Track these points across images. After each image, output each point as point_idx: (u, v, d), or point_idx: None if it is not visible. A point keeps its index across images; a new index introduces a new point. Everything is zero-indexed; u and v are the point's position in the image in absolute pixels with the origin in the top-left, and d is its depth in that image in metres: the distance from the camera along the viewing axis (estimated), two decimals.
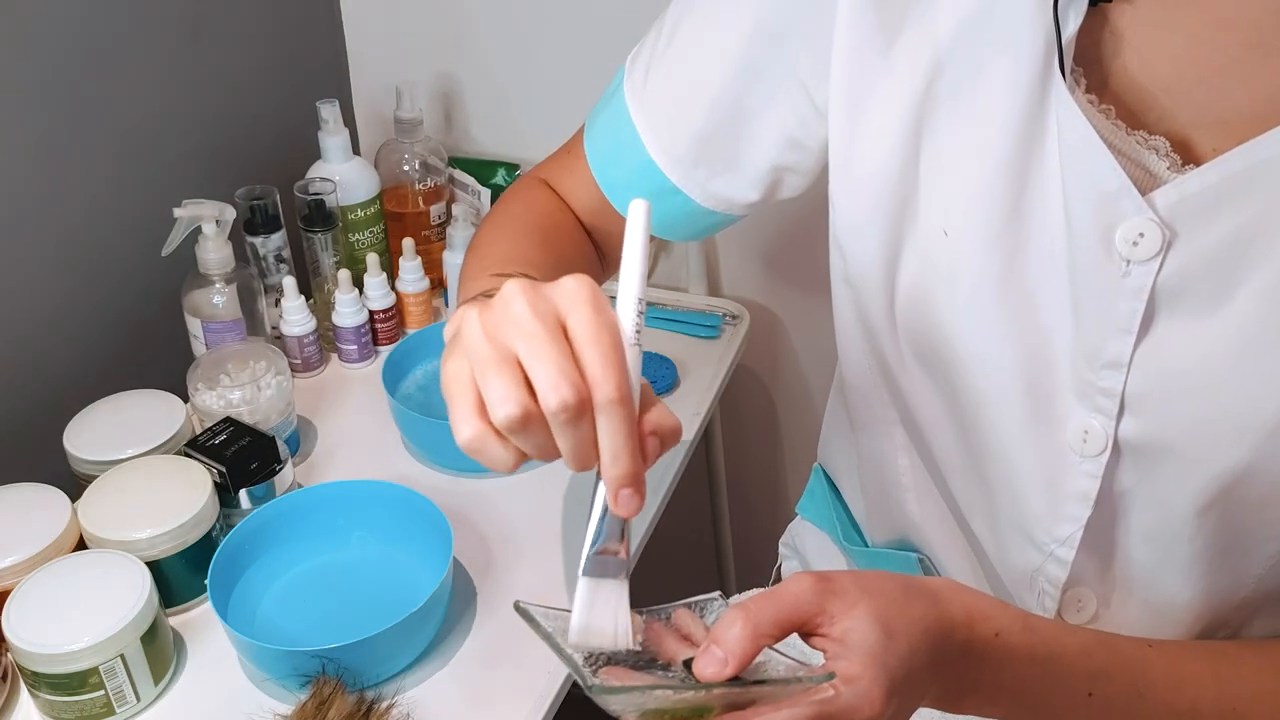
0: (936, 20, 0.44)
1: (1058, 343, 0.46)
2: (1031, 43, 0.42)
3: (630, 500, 0.37)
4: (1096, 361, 0.45)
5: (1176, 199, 0.41)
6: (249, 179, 0.90)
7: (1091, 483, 0.47)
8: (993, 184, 0.45)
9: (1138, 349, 0.44)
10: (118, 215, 0.84)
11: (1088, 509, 0.48)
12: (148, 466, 0.71)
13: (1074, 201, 0.43)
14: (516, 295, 0.37)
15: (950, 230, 0.47)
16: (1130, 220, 0.41)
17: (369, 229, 0.95)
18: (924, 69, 0.45)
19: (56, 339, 0.82)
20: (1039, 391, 0.47)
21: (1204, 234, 0.41)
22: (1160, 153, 0.42)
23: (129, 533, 0.66)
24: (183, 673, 0.66)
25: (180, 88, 0.87)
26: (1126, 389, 0.44)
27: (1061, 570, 0.51)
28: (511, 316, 0.36)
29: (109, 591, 0.62)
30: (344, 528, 0.73)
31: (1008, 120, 0.44)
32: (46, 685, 0.60)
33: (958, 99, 0.45)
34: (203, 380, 0.80)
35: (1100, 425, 0.46)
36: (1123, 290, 0.43)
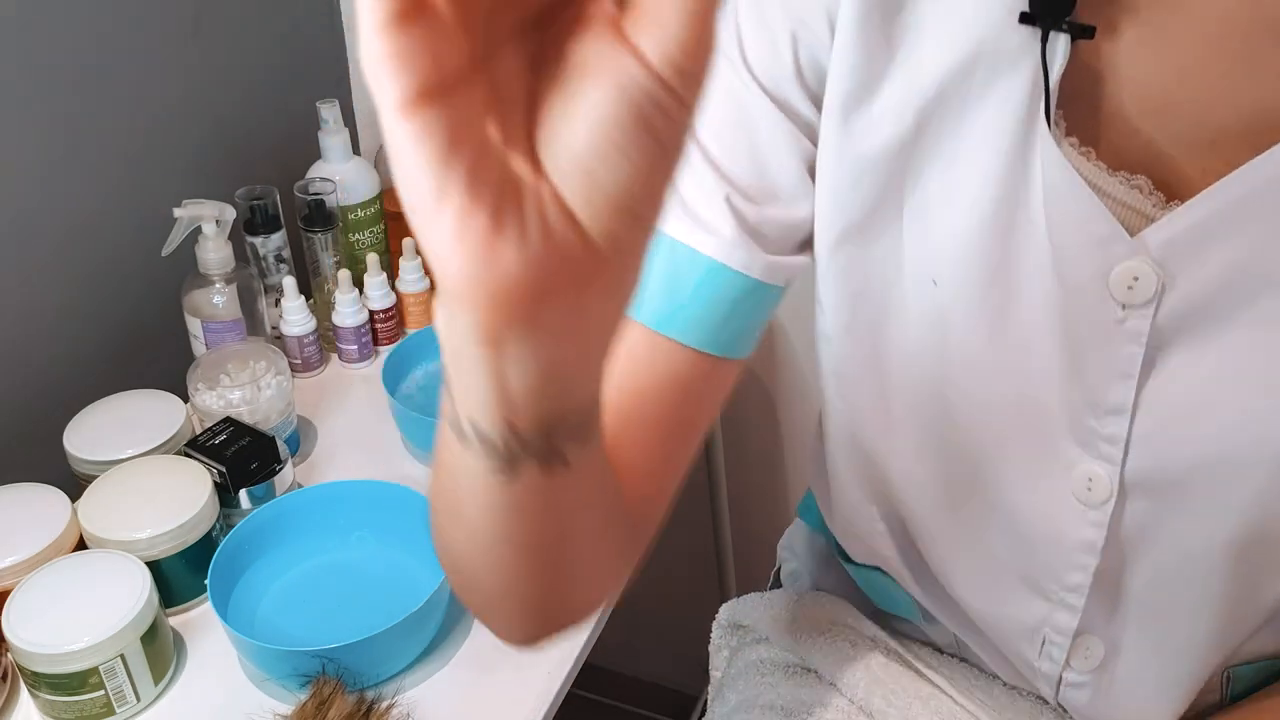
0: (922, 69, 0.43)
1: (1056, 391, 0.45)
2: (1017, 87, 0.41)
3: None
4: (1099, 408, 0.44)
5: (1168, 237, 0.40)
6: (249, 179, 0.90)
7: (1098, 531, 0.46)
8: (980, 232, 0.43)
9: (1140, 392, 0.43)
10: (117, 215, 0.84)
11: (1095, 557, 0.47)
12: (148, 466, 0.71)
13: (1064, 248, 0.42)
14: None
15: (940, 280, 0.45)
16: (1124, 264, 0.41)
17: (369, 229, 0.95)
18: (910, 118, 0.43)
19: (56, 339, 0.82)
20: (1038, 441, 0.46)
21: (1198, 269, 0.40)
22: (1144, 191, 0.41)
23: (129, 533, 0.66)
24: (183, 673, 0.66)
25: (180, 87, 0.87)
26: (1131, 433, 0.43)
27: (1071, 618, 0.49)
28: None
29: (109, 591, 0.62)
30: (344, 528, 0.73)
31: (991, 167, 0.42)
32: (46, 685, 0.60)
33: (941, 146, 0.44)
34: (203, 380, 0.80)
35: (1105, 472, 0.45)
36: (1121, 335, 0.42)
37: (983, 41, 0.41)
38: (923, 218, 0.45)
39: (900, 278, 0.46)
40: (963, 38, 0.41)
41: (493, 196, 0.23)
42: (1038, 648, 0.52)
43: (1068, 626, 0.50)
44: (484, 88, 0.23)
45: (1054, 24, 0.39)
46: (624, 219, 0.24)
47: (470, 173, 0.23)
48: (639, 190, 0.23)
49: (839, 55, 0.43)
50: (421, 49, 0.22)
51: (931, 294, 0.46)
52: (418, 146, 0.22)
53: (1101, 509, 0.46)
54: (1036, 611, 0.51)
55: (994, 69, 0.41)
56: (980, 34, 0.41)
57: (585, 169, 0.23)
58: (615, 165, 0.23)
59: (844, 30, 0.43)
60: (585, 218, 0.24)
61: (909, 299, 0.47)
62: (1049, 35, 0.40)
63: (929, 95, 0.42)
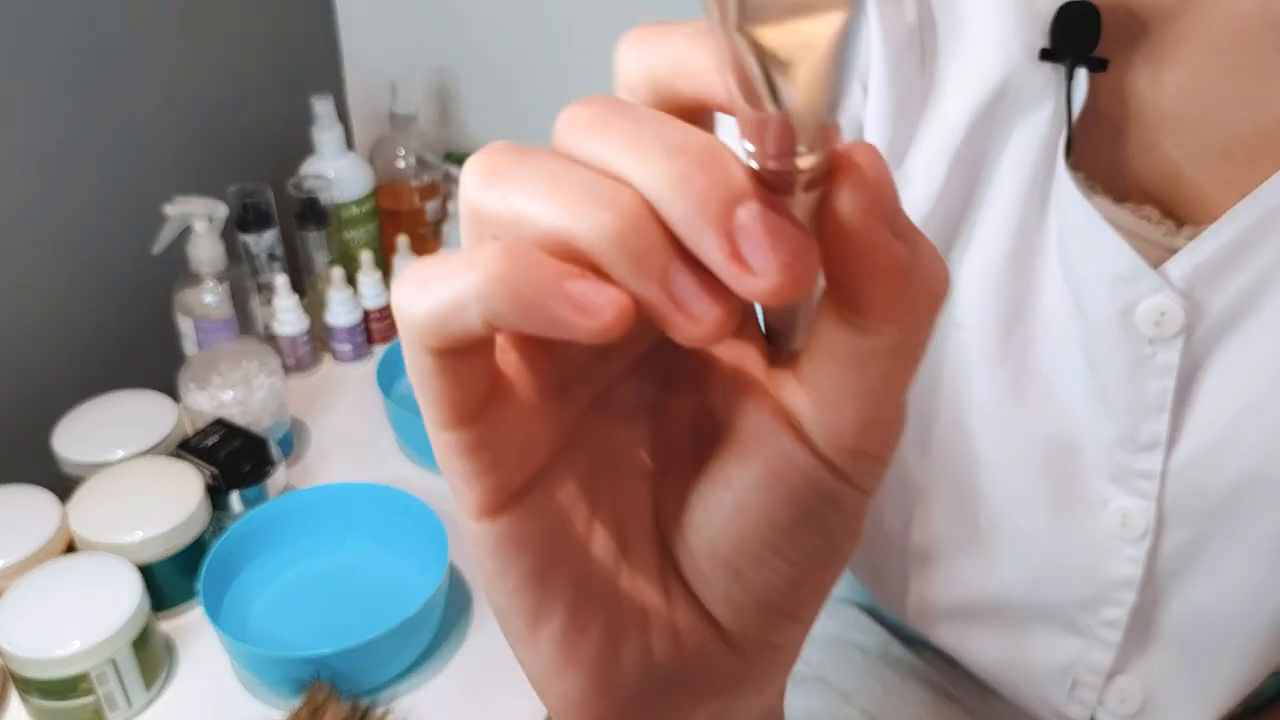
0: (950, 116, 0.42)
1: (1085, 430, 0.44)
2: (1037, 126, 0.41)
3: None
4: (1132, 445, 0.43)
5: (1190, 268, 0.39)
6: (241, 175, 0.88)
7: (1135, 567, 0.45)
8: (1000, 273, 0.43)
9: (1175, 426, 0.42)
10: (107, 212, 0.83)
11: (1133, 593, 0.46)
12: (139, 468, 0.70)
13: (1085, 286, 0.41)
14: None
15: (962, 323, 0.45)
16: (1148, 301, 0.40)
17: (363, 226, 0.94)
18: (942, 169, 0.43)
19: (46, 338, 0.81)
20: (1068, 481, 0.45)
21: (1223, 295, 0.40)
22: (1153, 220, 0.41)
23: (120, 536, 0.65)
24: (175, 678, 0.65)
25: (171, 82, 0.86)
26: (1167, 466, 0.43)
27: (1106, 655, 0.48)
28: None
29: (100, 596, 0.61)
30: (338, 531, 0.72)
31: (1011, 207, 0.42)
32: (37, 691, 0.59)
33: (968, 192, 0.44)
34: (194, 380, 0.79)
35: (1140, 507, 0.44)
36: (1150, 370, 0.41)
37: (1006, 81, 0.41)
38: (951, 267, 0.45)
39: None
40: (987, 80, 0.41)
41: (605, 611, 0.19)
42: (1066, 690, 0.51)
43: (1101, 665, 0.49)
44: (585, 473, 0.19)
45: (1076, 60, 0.39)
46: (778, 623, 0.19)
47: (574, 584, 0.19)
48: (798, 594, 0.19)
49: (874, 111, 0.43)
50: (503, 441, 0.18)
51: (955, 336, 0.45)
52: (506, 559, 0.18)
53: (1138, 544, 0.45)
54: (1068, 650, 0.49)
55: (1016, 109, 0.41)
56: (1004, 74, 0.41)
57: (731, 570, 0.19)
58: (770, 567, 0.18)
59: (876, 85, 0.42)
60: (729, 622, 0.19)
61: (935, 344, 0.46)
62: (1072, 72, 0.39)
63: (957, 141, 0.42)
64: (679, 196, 0.16)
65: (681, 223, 0.16)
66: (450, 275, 0.17)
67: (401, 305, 0.18)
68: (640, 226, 0.16)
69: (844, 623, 0.64)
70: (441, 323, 0.17)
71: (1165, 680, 0.49)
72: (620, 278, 0.16)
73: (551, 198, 0.17)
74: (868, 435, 0.17)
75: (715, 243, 0.16)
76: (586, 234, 0.16)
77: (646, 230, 0.16)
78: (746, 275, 0.16)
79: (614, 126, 0.18)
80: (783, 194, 0.17)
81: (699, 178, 0.16)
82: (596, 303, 0.16)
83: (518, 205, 0.17)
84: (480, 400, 0.18)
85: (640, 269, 0.16)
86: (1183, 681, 0.48)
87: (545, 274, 0.16)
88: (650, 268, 0.16)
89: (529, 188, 0.17)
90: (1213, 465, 0.42)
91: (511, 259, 0.17)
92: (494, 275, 0.17)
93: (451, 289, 0.17)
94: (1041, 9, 0.40)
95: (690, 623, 0.19)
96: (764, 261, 0.16)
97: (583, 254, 0.17)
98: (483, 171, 0.18)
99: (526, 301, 0.16)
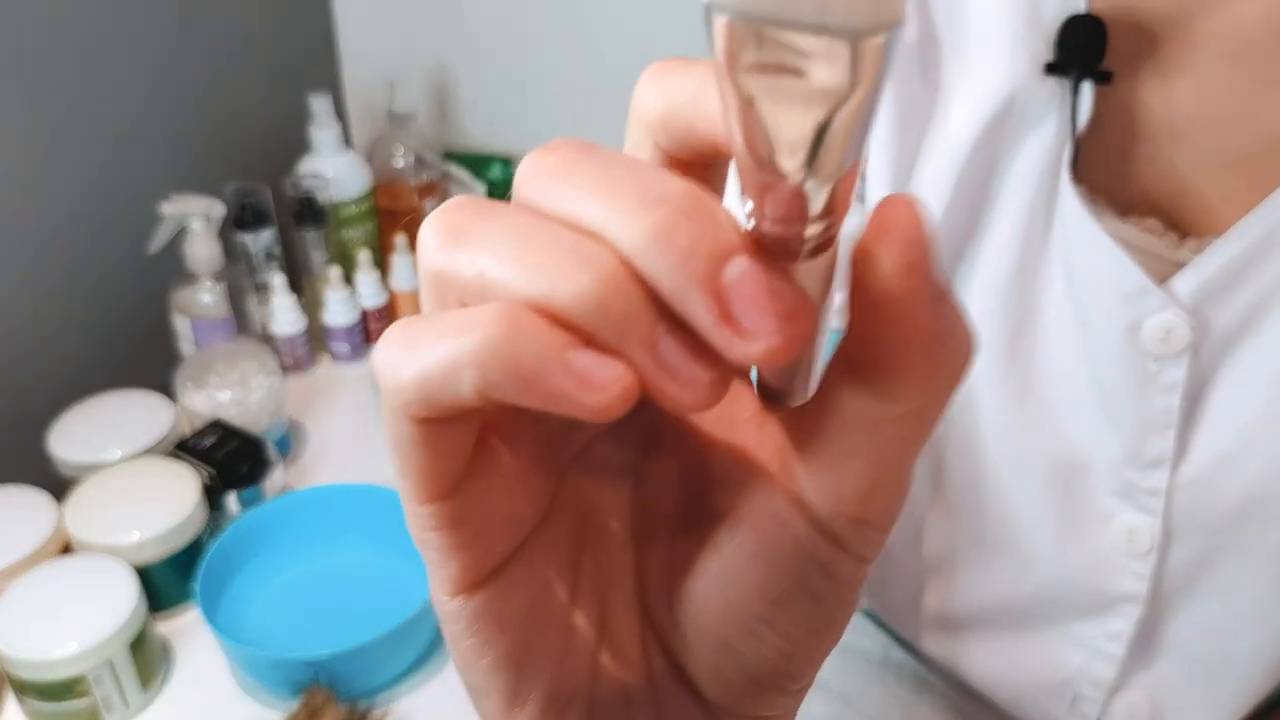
0: (955, 133, 0.42)
1: (1091, 447, 0.44)
2: (1042, 141, 0.41)
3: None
4: (1138, 461, 0.43)
5: (1197, 284, 0.39)
6: (237, 173, 0.88)
7: (1140, 582, 0.45)
8: (1004, 289, 0.43)
9: (1181, 442, 0.42)
10: (104, 211, 0.83)
11: (1139, 607, 0.46)
12: (135, 469, 0.70)
13: (1090, 302, 0.41)
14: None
15: None
16: (1155, 318, 0.40)
17: (361, 225, 0.93)
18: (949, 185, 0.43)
19: (41, 337, 0.80)
20: (1074, 497, 0.45)
21: (1231, 310, 0.39)
22: (1157, 234, 0.41)
23: (116, 537, 0.65)
24: (171, 680, 0.65)
25: (168, 80, 0.86)
26: (1173, 483, 0.43)
27: (1109, 668, 0.48)
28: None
29: (96, 597, 0.61)
30: (336, 532, 0.72)
31: (1015, 222, 0.42)
32: (34, 693, 0.59)
33: (973, 203, 0.43)
34: (191, 380, 0.79)
35: (1145, 523, 0.44)
36: (1156, 387, 0.41)
37: (1012, 95, 0.40)
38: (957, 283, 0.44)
39: None
40: (992, 94, 0.41)
41: (585, 690, 0.18)
42: (1067, 703, 0.51)
43: (1103, 679, 0.49)
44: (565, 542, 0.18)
45: (1082, 74, 0.39)
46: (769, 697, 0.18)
47: (554, 663, 0.18)
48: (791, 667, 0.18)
49: (879, 129, 0.42)
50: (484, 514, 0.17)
51: None
52: (483, 637, 0.17)
53: (1144, 560, 0.45)
54: (1070, 664, 0.49)
55: (1021, 123, 0.41)
56: (1009, 88, 0.40)
57: (718, 642, 0.17)
58: (760, 639, 0.17)
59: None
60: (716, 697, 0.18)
61: None
62: (1078, 86, 0.39)
63: (963, 157, 0.42)
64: (660, 253, 0.15)
65: (664, 282, 0.15)
66: (441, 338, 0.16)
67: (386, 368, 0.17)
68: (621, 289, 0.15)
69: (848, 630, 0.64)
70: (431, 391, 0.16)
71: (1172, 695, 0.48)
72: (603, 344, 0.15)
73: (521, 259, 0.16)
74: (872, 504, 0.16)
75: (703, 304, 0.15)
76: (564, 299, 0.15)
77: (628, 292, 0.15)
78: (738, 339, 0.14)
79: (583, 174, 0.16)
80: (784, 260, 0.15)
81: (681, 231, 0.15)
82: (600, 378, 0.15)
83: (486, 268, 0.16)
84: (462, 472, 0.17)
85: (624, 336, 0.15)
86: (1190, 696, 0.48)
87: (546, 343, 0.15)
88: (635, 334, 0.15)
89: (497, 248, 0.16)
90: (1219, 481, 0.42)
91: (510, 324, 0.15)
92: (491, 342, 0.15)
93: (443, 354, 0.16)
94: (1047, 22, 0.40)
95: (675, 700, 0.18)
96: (757, 323, 0.14)
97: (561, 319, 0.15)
98: (445, 231, 0.17)
99: (526, 373, 0.15)
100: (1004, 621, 0.51)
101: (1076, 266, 0.41)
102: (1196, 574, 0.45)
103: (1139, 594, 0.46)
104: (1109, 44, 0.39)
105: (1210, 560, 0.44)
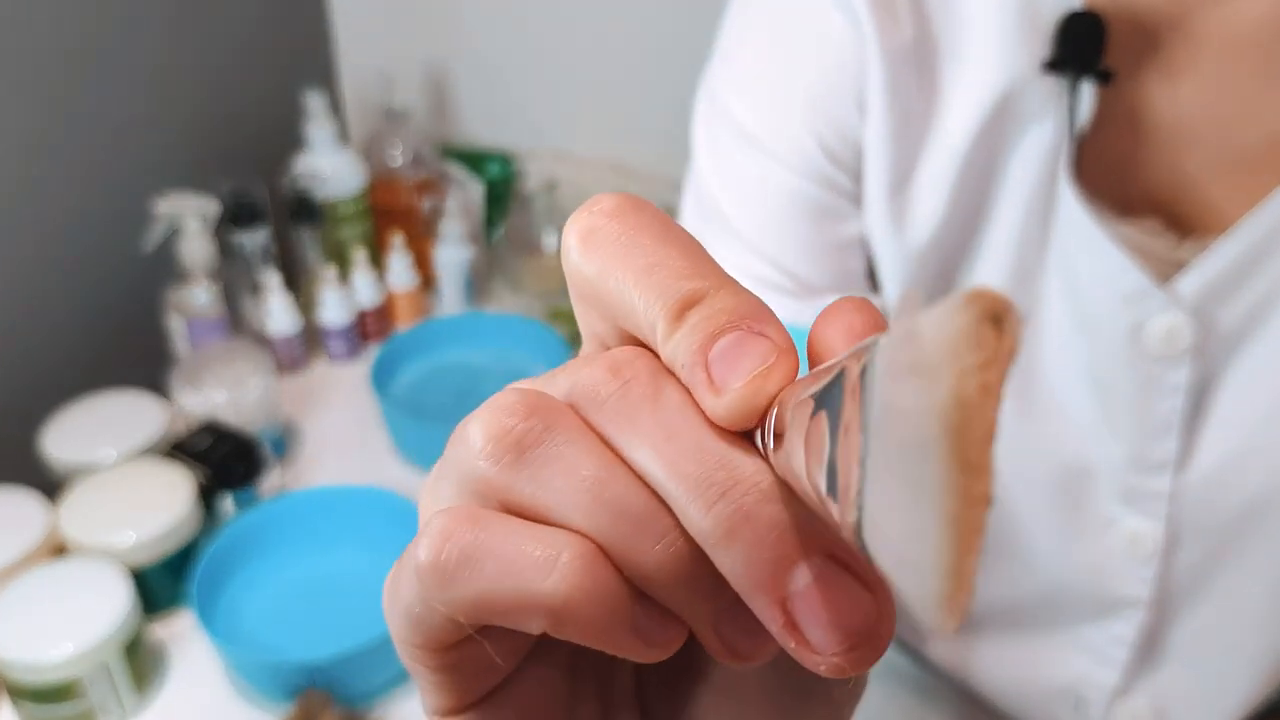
0: (954, 131, 0.41)
1: (1094, 451, 0.44)
2: (1041, 139, 0.40)
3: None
4: (1142, 464, 0.43)
5: (1201, 284, 0.39)
6: (232, 171, 0.87)
7: (1143, 587, 0.45)
8: (1005, 288, 0.42)
9: (1183, 446, 0.42)
10: (98, 210, 0.82)
11: (1141, 611, 0.46)
12: (130, 470, 0.70)
13: (1091, 304, 0.41)
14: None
15: None
16: (1157, 319, 0.39)
17: (357, 223, 0.93)
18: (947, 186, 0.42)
19: (34, 337, 0.80)
20: (1077, 501, 0.45)
21: (1234, 310, 0.39)
22: (1156, 233, 0.40)
23: (111, 538, 0.64)
24: (167, 683, 0.64)
25: (162, 77, 0.85)
26: (1177, 486, 0.42)
27: (1111, 672, 0.48)
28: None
29: (90, 600, 0.60)
30: (331, 534, 0.71)
31: (1014, 221, 0.42)
32: (29, 696, 0.59)
33: (973, 204, 0.43)
34: (186, 380, 0.78)
35: (1149, 527, 0.44)
36: (1159, 390, 0.41)
37: (1009, 94, 0.40)
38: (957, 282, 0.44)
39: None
40: (990, 93, 0.40)
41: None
42: (1070, 707, 0.51)
43: (1107, 684, 0.49)
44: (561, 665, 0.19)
45: (1081, 72, 0.38)
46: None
47: None
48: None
49: (874, 132, 0.42)
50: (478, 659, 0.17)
51: None
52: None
53: (1148, 564, 0.44)
54: (1074, 668, 0.49)
55: (1020, 121, 0.40)
56: (1007, 87, 0.40)
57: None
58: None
59: (876, 105, 0.41)
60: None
61: None
62: (1076, 84, 0.38)
63: (961, 158, 0.41)
64: (726, 554, 0.15)
65: (731, 579, 0.15)
66: (516, 565, 0.16)
67: (440, 569, 0.16)
68: (692, 570, 0.16)
69: None
70: (489, 615, 0.16)
71: (1176, 700, 0.48)
72: (668, 605, 0.16)
73: (597, 512, 0.16)
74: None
75: (768, 613, 0.15)
76: (641, 565, 0.16)
77: (698, 572, 0.16)
78: (805, 651, 0.15)
79: (647, 425, 0.16)
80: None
81: (744, 535, 0.15)
82: (661, 639, 0.16)
83: (553, 504, 0.16)
84: (462, 635, 0.17)
85: (689, 610, 0.16)
86: (1193, 701, 0.48)
87: (621, 603, 0.16)
88: (700, 611, 0.16)
89: (568, 489, 0.16)
90: (1223, 486, 0.42)
91: (594, 575, 0.16)
92: (575, 594, 0.15)
93: (517, 587, 0.16)
94: (1045, 19, 0.39)
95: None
96: (822, 640, 0.15)
97: (628, 570, 0.16)
98: (506, 446, 0.17)
99: (598, 630, 0.16)
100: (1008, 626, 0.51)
101: (1077, 268, 0.41)
102: (1200, 578, 0.44)
103: (1142, 599, 0.45)
104: (1109, 42, 0.38)
105: (1214, 565, 0.44)
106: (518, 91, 1.00)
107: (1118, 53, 0.39)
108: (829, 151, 0.43)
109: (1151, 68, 0.39)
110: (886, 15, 0.40)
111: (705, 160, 0.46)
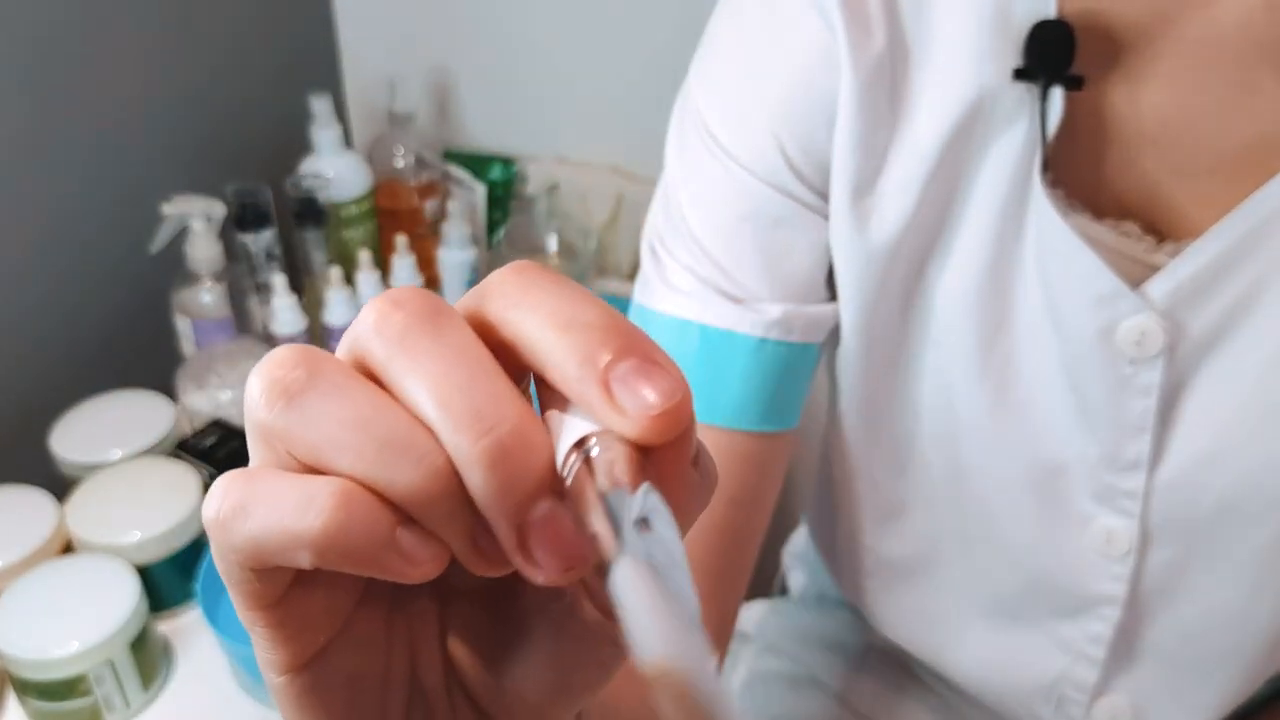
0: (923, 138, 0.41)
1: (1067, 450, 0.44)
2: (1012, 145, 0.40)
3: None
4: (1115, 464, 0.43)
5: (1172, 287, 0.39)
6: (238, 173, 0.88)
7: (1119, 584, 0.45)
8: (977, 293, 0.43)
9: (1158, 445, 0.42)
10: (105, 211, 0.83)
11: (1117, 609, 0.46)
12: (136, 469, 0.70)
13: (1064, 306, 0.41)
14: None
15: (940, 342, 0.44)
16: (1129, 321, 0.40)
17: (362, 225, 0.93)
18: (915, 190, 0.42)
19: (42, 338, 0.80)
20: (1051, 499, 0.45)
21: (1205, 313, 0.39)
22: (1134, 237, 0.40)
23: (118, 536, 0.65)
24: (173, 679, 0.65)
25: (168, 80, 0.86)
26: (1150, 485, 0.43)
27: (1091, 671, 0.48)
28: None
29: (97, 597, 0.61)
30: None
31: (987, 226, 0.42)
32: (35, 692, 0.59)
33: (941, 206, 0.43)
34: (192, 380, 0.79)
35: (1123, 525, 0.44)
36: (1131, 390, 0.41)
37: (980, 101, 0.40)
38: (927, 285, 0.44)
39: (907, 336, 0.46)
40: (960, 100, 0.40)
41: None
42: (1053, 706, 0.51)
43: (1086, 682, 0.49)
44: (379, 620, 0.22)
45: (1051, 78, 0.38)
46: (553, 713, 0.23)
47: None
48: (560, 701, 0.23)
49: (841, 138, 0.42)
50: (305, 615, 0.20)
51: (934, 354, 0.45)
52: (309, 711, 0.21)
53: (1123, 562, 0.45)
54: (1054, 666, 0.49)
55: (991, 128, 0.40)
56: (978, 93, 0.40)
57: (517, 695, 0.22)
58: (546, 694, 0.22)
59: (845, 113, 0.41)
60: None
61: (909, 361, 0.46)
62: (1047, 90, 0.39)
63: (931, 161, 0.41)
64: (483, 480, 0.18)
65: (481, 501, 0.18)
66: (277, 511, 0.18)
67: (218, 527, 0.19)
68: (448, 489, 0.18)
69: (837, 624, 0.64)
70: (264, 557, 0.19)
71: (1154, 698, 0.48)
72: (427, 527, 0.18)
73: (360, 446, 0.18)
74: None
75: (507, 534, 0.18)
76: (399, 489, 0.18)
77: (454, 491, 0.18)
78: (527, 566, 0.18)
79: (426, 360, 0.18)
80: (585, 507, 0.18)
81: (502, 467, 0.18)
82: (422, 556, 0.18)
83: (322, 443, 0.18)
84: (284, 589, 0.20)
85: (446, 527, 0.18)
86: (1171, 699, 0.48)
87: (380, 527, 0.18)
88: (456, 527, 0.18)
89: (335, 425, 0.18)
90: (1196, 484, 0.42)
91: (347, 511, 0.18)
92: (328, 527, 0.17)
93: (281, 527, 0.18)
94: (1016, 27, 0.39)
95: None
96: (544, 561, 0.18)
97: (390, 499, 0.18)
98: (276, 393, 0.19)
99: (359, 554, 0.18)
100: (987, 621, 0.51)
101: (1051, 270, 0.41)
102: (1175, 576, 0.45)
103: (1117, 596, 0.46)
104: (1079, 49, 0.38)
105: (1188, 563, 0.44)
106: (519, 96, 1.01)
107: (1089, 60, 0.39)
108: (790, 162, 0.43)
109: (1122, 75, 0.39)
110: (860, 29, 0.40)
111: (673, 156, 0.47)
